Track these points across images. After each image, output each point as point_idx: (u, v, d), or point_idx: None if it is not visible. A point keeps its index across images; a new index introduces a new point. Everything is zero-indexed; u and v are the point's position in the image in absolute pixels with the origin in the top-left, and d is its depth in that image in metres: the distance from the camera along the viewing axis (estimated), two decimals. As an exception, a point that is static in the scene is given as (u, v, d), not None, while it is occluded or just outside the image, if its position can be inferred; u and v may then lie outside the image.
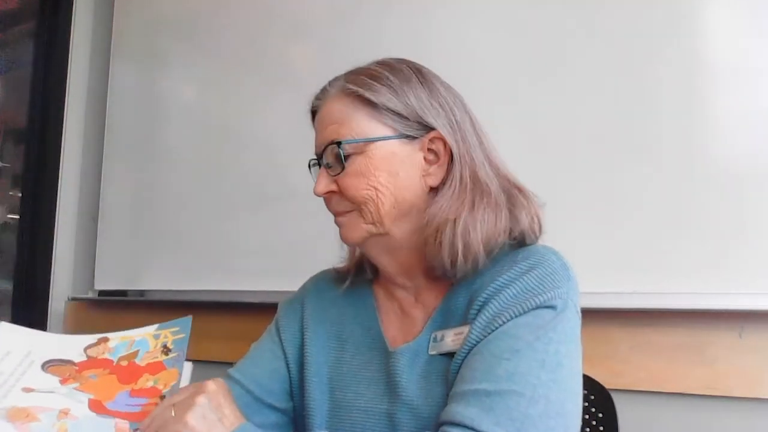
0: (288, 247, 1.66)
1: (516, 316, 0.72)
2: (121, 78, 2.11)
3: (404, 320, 0.85)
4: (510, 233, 0.80)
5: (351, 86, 0.82)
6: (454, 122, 0.82)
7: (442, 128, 0.80)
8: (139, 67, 2.10)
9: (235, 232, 1.77)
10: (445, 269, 0.78)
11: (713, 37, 1.25)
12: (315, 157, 0.88)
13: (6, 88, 2.22)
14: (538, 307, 0.73)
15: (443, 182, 0.80)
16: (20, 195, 2.17)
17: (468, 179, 0.80)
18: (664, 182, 1.23)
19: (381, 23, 1.61)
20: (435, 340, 0.79)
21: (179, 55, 2.02)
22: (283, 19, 1.79)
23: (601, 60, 1.31)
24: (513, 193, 0.82)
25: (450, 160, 0.80)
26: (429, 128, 0.80)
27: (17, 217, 2.16)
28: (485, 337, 0.72)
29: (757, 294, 1.14)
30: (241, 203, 1.78)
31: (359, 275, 0.92)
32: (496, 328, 0.72)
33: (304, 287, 0.97)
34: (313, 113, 0.90)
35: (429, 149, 0.81)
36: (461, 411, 0.66)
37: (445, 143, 0.80)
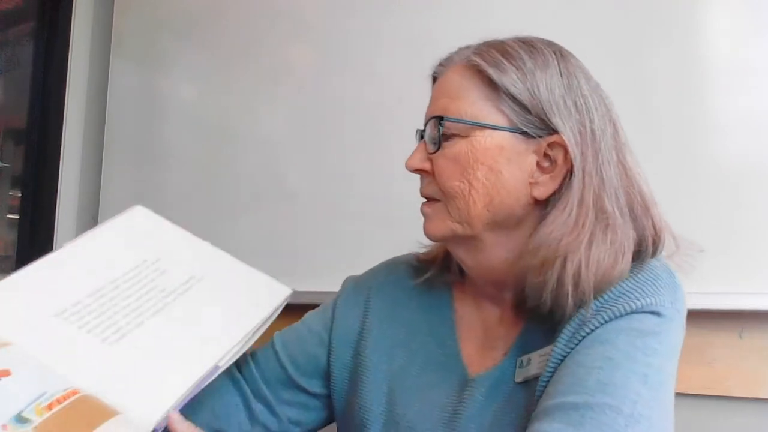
0: (287, 248, 1.66)
1: (608, 321, 0.61)
2: (121, 78, 2.11)
3: (486, 340, 0.74)
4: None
5: (476, 59, 0.69)
6: (588, 130, 0.67)
7: (568, 134, 0.66)
8: (139, 67, 2.10)
9: (234, 232, 1.77)
10: (542, 306, 0.66)
11: (711, 36, 1.25)
12: (422, 127, 0.76)
13: (6, 88, 2.22)
14: (636, 312, 0.62)
15: (552, 197, 0.67)
16: (20, 195, 2.17)
17: (591, 205, 0.65)
18: (662, 181, 1.22)
19: (381, 23, 1.61)
20: (521, 365, 0.67)
21: (179, 55, 2.02)
22: (283, 19, 1.79)
23: (598, 59, 1.31)
24: (647, 235, 0.68)
25: (568, 174, 0.66)
26: (552, 130, 0.66)
27: (17, 217, 2.16)
28: (572, 349, 0.62)
29: (757, 294, 1.13)
30: (240, 203, 1.78)
31: (441, 273, 0.80)
32: (584, 336, 0.62)
33: (374, 274, 0.85)
34: (434, 79, 0.78)
35: (545, 154, 0.67)
36: (544, 428, 0.55)
37: (566, 152, 0.66)
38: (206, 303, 0.75)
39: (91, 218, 2.12)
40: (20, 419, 0.56)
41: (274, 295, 0.80)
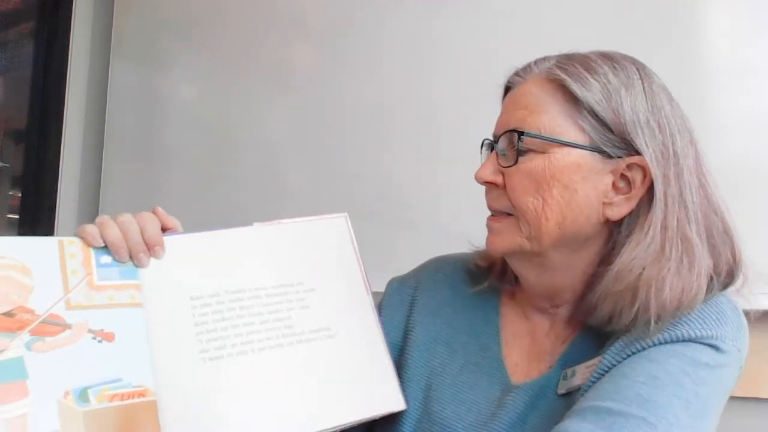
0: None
1: (662, 343, 0.60)
2: (121, 78, 2.11)
3: (532, 350, 0.72)
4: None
5: (558, 72, 0.66)
6: (671, 152, 0.64)
7: (650, 155, 0.63)
8: (139, 67, 2.10)
9: (235, 232, 1.77)
10: (614, 326, 0.64)
11: (711, 36, 1.25)
12: (491, 137, 0.72)
13: (6, 88, 2.22)
14: (694, 341, 0.60)
15: (627, 219, 0.65)
16: (20, 195, 2.17)
17: (675, 231, 0.63)
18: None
19: (381, 23, 1.61)
20: (565, 377, 0.67)
21: (179, 55, 2.02)
22: (283, 19, 1.79)
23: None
24: (722, 264, 0.66)
25: (645, 197, 0.65)
26: (632, 150, 0.64)
27: (17, 216, 2.16)
28: (619, 362, 0.61)
29: (757, 294, 1.13)
30: (240, 203, 1.78)
31: (496, 281, 0.78)
32: (634, 352, 0.61)
33: (420, 271, 0.84)
34: (507, 89, 0.74)
35: (622, 175, 0.65)
36: (574, 426, 0.55)
37: (645, 174, 0.64)
38: (316, 369, 0.68)
39: (91, 218, 2.12)
40: (82, 395, 0.58)
41: (386, 403, 0.70)
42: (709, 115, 1.22)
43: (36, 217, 2.12)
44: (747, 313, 0.68)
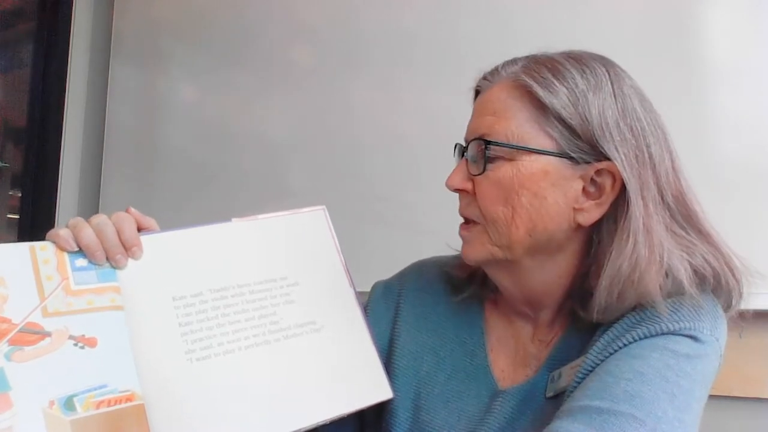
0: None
1: (643, 338, 0.61)
2: (121, 78, 2.11)
3: (517, 355, 0.72)
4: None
5: (525, 78, 0.65)
6: (646, 155, 0.64)
7: (621, 160, 0.62)
8: (139, 67, 2.10)
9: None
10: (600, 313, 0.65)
11: (713, 38, 1.25)
12: (463, 142, 0.71)
13: (6, 88, 2.22)
14: (674, 333, 0.61)
15: (603, 224, 0.65)
16: (20, 195, 2.17)
17: (664, 234, 0.63)
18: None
19: (381, 22, 1.61)
20: (552, 380, 0.67)
21: (179, 55, 2.02)
22: (283, 19, 1.79)
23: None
24: (707, 266, 0.65)
25: (621, 201, 0.64)
26: (601, 156, 0.63)
27: (17, 217, 2.16)
28: (602, 360, 0.61)
29: (757, 294, 1.13)
30: (240, 203, 1.78)
31: (478, 290, 0.77)
32: (616, 350, 0.61)
33: (403, 276, 0.83)
34: (476, 92, 0.74)
35: (592, 180, 0.64)
36: (566, 426, 0.55)
37: (614, 179, 0.63)
38: (304, 363, 0.67)
39: (91, 218, 2.12)
40: (68, 404, 0.56)
41: (373, 393, 0.69)
42: (709, 115, 1.22)
43: (36, 217, 2.12)
44: (744, 313, 0.68)
